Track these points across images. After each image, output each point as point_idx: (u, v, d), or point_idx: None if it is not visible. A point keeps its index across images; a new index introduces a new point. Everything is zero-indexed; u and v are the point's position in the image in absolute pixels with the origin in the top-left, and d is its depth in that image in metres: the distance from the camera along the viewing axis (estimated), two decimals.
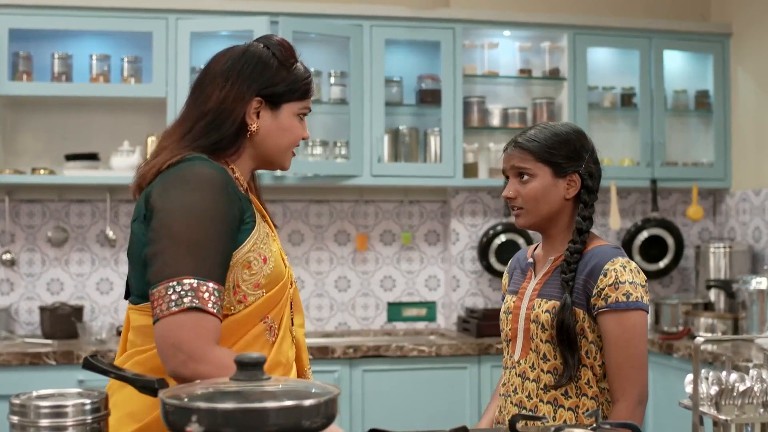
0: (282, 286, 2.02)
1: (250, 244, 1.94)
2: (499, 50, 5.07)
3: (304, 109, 2.11)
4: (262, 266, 1.96)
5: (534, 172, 2.30)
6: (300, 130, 2.11)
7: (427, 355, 4.37)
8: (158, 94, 4.51)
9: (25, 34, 4.52)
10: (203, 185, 1.89)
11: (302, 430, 1.50)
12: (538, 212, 2.32)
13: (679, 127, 5.29)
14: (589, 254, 2.27)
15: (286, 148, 2.10)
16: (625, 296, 2.19)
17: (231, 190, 1.92)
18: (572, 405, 2.23)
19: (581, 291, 2.23)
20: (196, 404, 1.46)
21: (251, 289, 1.95)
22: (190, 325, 1.79)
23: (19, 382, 3.93)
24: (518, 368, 2.33)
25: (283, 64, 2.07)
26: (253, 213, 2.00)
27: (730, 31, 5.13)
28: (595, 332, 2.23)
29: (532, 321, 2.29)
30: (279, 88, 2.05)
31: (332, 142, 4.81)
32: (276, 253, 2.03)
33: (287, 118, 2.07)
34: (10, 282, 4.72)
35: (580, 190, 2.34)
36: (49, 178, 4.53)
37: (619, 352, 2.19)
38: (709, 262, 4.95)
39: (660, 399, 4.39)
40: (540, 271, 2.38)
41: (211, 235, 1.85)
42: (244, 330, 1.96)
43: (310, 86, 2.12)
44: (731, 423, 1.60)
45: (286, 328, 2.06)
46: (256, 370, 1.56)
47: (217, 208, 1.88)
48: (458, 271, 5.03)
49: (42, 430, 1.53)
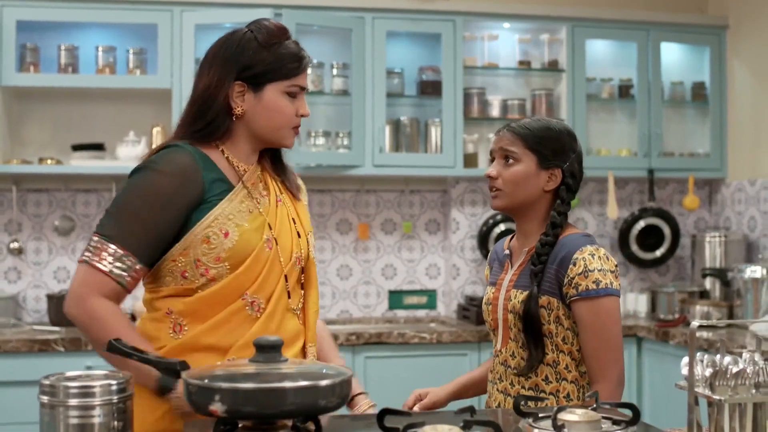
0: (253, 260, 2.08)
1: (210, 220, 2.06)
2: (498, 42, 5.13)
3: (291, 87, 2.14)
4: (223, 240, 2.06)
5: (519, 157, 2.35)
6: (290, 108, 2.15)
7: (428, 342, 4.45)
8: (163, 85, 4.57)
9: (32, 26, 4.58)
10: (161, 169, 2.06)
11: (318, 409, 1.58)
12: (514, 196, 2.36)
13: (676, 118, 5.36)
14: (560, 244, 2.32)
15: (277, 127, 2.15)
16: (595, 284, 2.24)
17: (191, 175, 2.06)
18: (552, 390, 2.29)
19: (554, 280, 2.29)
20: (218, 384, 1.55)
21: (212, 262, 2.07)
22: (80, 275, 2.04)
23: (29, 369, 4.01)
24: (500, 357, 2.40)
25: (264, 45, 2.13)
26: (224, 191, 2.10)
27: (727, 23, 5.19)
28: (570, 319, 2.29)
29: (510, 311, 2.35)
30: (258, 69, 2.12)
31: (334, 133, 4.88)
32: (247, 229, 2.09)
33: (272, 98, 2.13)
34: (18, 270, 4.79)
35: (559, 185, 2.38)
36: (56, 167, 4.60)
37: (594, 338, 2.26)
38: (705, 251, 5.03)
39: (657, 384, 4.48)
40: (516, 262, 2.43)
41: (143, 210, 2.03)
42: (221, 306, 2.08)
43: (298, 64, 2.15)
44: (725, 403, 1.68)
45: (278, 304, 2.13)
46: (274, 353, 1.64)
47: (163, 190, 2.05)
48: (458, 260, 5.11)
49: (71, 409, 1.61)
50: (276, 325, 2.11)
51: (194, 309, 2.07)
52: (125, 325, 2.02)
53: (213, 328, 2.07)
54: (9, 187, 4.76)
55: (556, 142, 2.37)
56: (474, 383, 2.62)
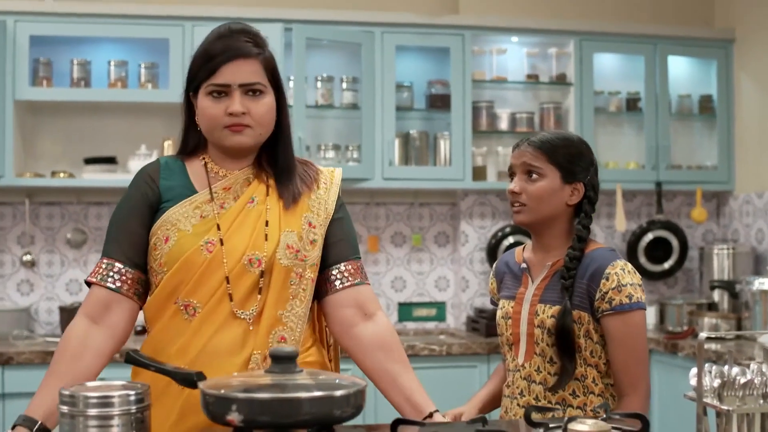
0: (183, 263, 2.06)
1: (156, 226, 2.11)
2: (507, 56, 5.17)
3: (208, 87, 2.09)
4: (163, 246, 2.09)
5: (544, 172, 2.36)
6: (213, 109, 2.08)
7: (437, 354, 4.47)
8: (174, 99, 4.58)
9: (45, 41, 4.63)
10: (133, 180, 2.19)
11: (333, 418, 1.61)
12: (539, 211, 2.37)
13: (683, 131, 5.39)
14: (588, 258, 2.34)
15: (210, 129, 2.11)
16: (628, 298, 2.27)
17: (148, 182, 2.15)
18: (580, 404, 2.31)
19: (584, 295, 2.30)
20: (235, 394, 1.58)
21: (158, 268, 2.11)
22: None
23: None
24: (523, 371, 2.38)
25: (197, 54, 2.13)
26: (174, 198, 2.12)
27: (734, 36, 5.22)
28: (598, 332, 2.31)
29: (537, 326, 2.34)
30: (190, 77, 2.14)
31: (344, 146, 4.92)
32: (186, 234, 2.08)
33: (201, 102, 2.11)
34: (30, 283, 4.83)
35: (582, 199, 2.40)
36: (68, 181, 4.64)
37: (624, 351, 2.28)
38: (713, 263, 5.04)
39: (665, 395, 4.49)
40: (537, 276, 2.42)
41: (118, 221, 2.14)
42: (162, 312, 2.11)
43: (209, 63, 2.08)
44: (733, 413, 1.71)
45: (217, 309, 2.06)
46: (290, 363, 1.67)
47: (130, 197, 2.15)
48: (467, 272, 5.13)
49: (90, 419, 1.64)
50: (213, 330, 2.05)
51: (148, 317, 2.15)
52: (68, 353, 2.05)
53: (157, 333, 2.10)
54: (22, 200, 4.80)
55: (578, 156, 2.38)
56: (494, 398, 2.59)
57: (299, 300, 2.14)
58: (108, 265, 2.10)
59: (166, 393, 2.03)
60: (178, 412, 2.03)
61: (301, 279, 2.13)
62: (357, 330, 2.18)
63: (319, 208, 2.20)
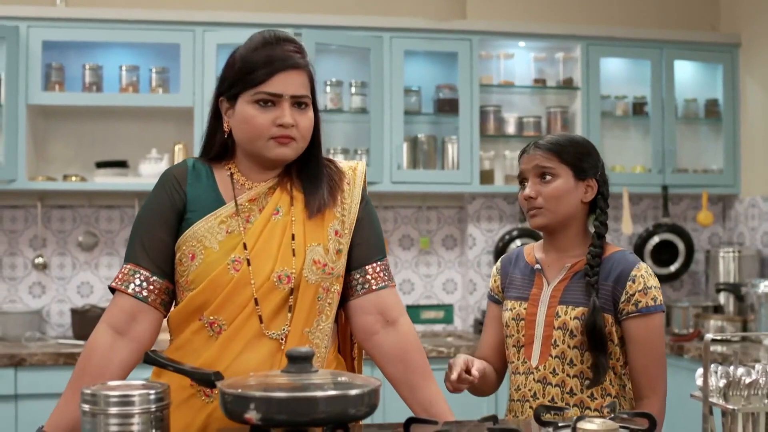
0: (209, 283, 2.03)
1: (180, 240, 2.07)
2: (514, 60, 5.21)
3: (257, 95, 2.03)
4: (189, 264, 2.05)
5: (557, 172, 2.36)
6: (260, 118, 2.03)
7: (445, 356, 4.50)
8: (185, 103, 4.66)
9: (57, 46, 4.68)
10: (157, 183, 2.14)
11: (348, 417, 1.65)
12: (557, 212, 2.36)
13: (689, 135, 5.42)
14: (609, 260, 2.34)
15: (253, 138, 2.05)
16: (653, 300, 2.29)
17: (174, 184, 2.10)
18: (598, 406, 2.30)
19: (609, 297, 2.31)
20: (252, 393, 1.62)
21: (184, 284, 2.08)
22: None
23: (54, 382, 4.07)
24: (537, 374, 2.36)
25: (240, 57, 2.07)
26: (199, 210, 2.07)
27: (739, 41, 5.25)
28: (618, 335, 2.32)
29: (557, 328, 2.33)
30: (230, 81, 2.07)
31: (353, 150, 4.96)
32: (214, 252, 2.04)
33: (243, 110, 2.04)
34: (42, 285, 4.88)
35: (596, 195, 2.42)
36: (80, 184, 4.69)
37: (645, 354, 2.30)
38: (719, 266, 5.07)
39: (671, 397, 4.48)
40: (554, 277, 2.40)
41: (143, 225, 2.10)
42: (185, 326, 2.08)
43: (265, 70, 2.03)
44: (738, 412, 1.74)
45: (244, 328, 2.03)
46: (306, 363, 1.71)
47: (155, 200, 2.12)
48: (475, 275, 5.17)
49: (111, 417, 1.67)
50: (240, 348, 2.02)
51: (170, 327, 2.11)
52: (92, 368, 2.04)
53: (178, 347, 2.07)
54: (34, 203, 4.85)
55: (586, 154, 2.40)
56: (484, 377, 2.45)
57: (325, 315, 2.11)
58: (132, 271, 2.06)
59: (188, 404, 2.04)
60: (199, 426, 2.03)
61: (328, 293, 2.10)
62: (378, 338, 2.18)
63: (344, 214, 2.16)
